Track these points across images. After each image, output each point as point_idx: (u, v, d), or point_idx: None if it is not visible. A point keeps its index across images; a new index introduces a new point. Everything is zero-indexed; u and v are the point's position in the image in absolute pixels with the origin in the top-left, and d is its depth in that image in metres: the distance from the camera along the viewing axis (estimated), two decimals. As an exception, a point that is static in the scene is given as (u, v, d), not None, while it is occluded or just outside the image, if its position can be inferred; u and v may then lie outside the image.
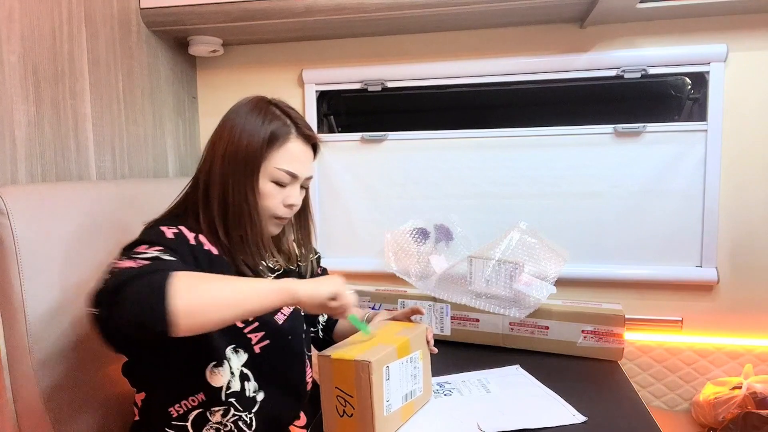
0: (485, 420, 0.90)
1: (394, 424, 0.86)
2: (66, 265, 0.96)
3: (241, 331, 0.89)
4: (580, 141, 1.50)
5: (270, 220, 0.93)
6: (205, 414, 0.87)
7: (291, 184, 0.93)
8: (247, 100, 0.94)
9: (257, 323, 0.91)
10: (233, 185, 0.88)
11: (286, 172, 0.90)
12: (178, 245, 0.83)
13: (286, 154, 0.90)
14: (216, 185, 0.89)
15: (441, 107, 1.66)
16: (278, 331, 0.93)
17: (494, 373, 1.12)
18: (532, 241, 1.26)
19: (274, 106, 0.93)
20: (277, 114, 0.91)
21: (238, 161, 0.87)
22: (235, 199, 0.88)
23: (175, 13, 1.38)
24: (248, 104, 0.92)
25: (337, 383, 0.83)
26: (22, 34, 1.04)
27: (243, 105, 0.93)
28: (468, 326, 1.29)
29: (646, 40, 1.45)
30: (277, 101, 0.95)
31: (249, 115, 0.90)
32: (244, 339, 0.89)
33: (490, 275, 1.22)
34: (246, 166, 0.88)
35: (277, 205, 0.92)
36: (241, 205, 0.88)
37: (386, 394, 0.83)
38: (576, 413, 0.94)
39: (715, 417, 1.29)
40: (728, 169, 1.43)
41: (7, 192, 0.87)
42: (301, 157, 0.93)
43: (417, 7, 1.32)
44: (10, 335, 0.88)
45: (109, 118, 1.29)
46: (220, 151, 0.89)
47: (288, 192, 0.92)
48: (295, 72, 1.64)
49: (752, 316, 1.45)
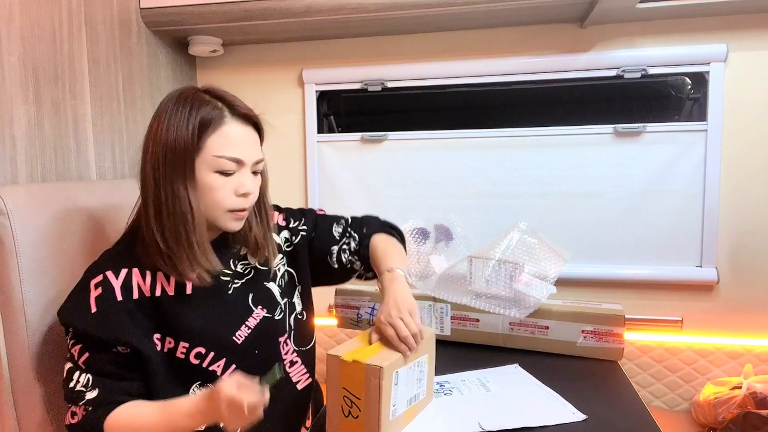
0: (486, 419, 0.90)
1: (398, 427, 0.86)
2: (66, 264, 0.96)
3: (200, 368, 0.85)
4: (580, 141, 1.50)
5: (224, 216, 0.84)
6: None
7: (239, 170, 0.83)
8: (173, 92, 0.84)
9: (212, 353, 0.85)
10: (165, 186, 0.79)
11: (229, 159, 0.81)
12: (103, 320, 0.80)
13: (223, 139, 0.81)
14: (149, 190, 0.81)
15: (441, 107, 1.66)
16: (240, 351, 0.88)
17: (494, 372, 1.12)
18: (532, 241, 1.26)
19: (203, 92, 0.84)
20: (206, 99, 0.82)
21: (167, 159, 0.79)
22: (168, 200, 0.79)
23: (175, 13, 1.38)
24: (174, 96, 0.83)
25: (345, 384, 0.82)
26: (22, 34, 1.04)
27: (169, 98, 0.83)
28: (468, 326, 1.29)
29: (646, 40, 1.45)
30: (208, 87, 0.85)
31: (174, 107, 0.81)
32: (206, 373, 0.86)
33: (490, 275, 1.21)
34: (176, 163, 0.79)
35: (228, 197, 0.82)
36: (174, 206, 0.80)
37: (393, 398, 0.82)
38: (576, 411, 0.94)
39: (715, 417, 1.29)
40: (728, 169, 1.43)
41: (7, 192, 0.87)
42: (242, 139, 0.83)
43: (417, 7, 1.32)
44: (10, 335, 0.88)
45: (109, 118, 1.29)
46: (148, 153, 0.81)
47: (238, 180, 0.83)
48: (295, 72, 1.64)
49: (752, 316, 1.45)
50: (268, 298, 0.94)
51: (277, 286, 0.96)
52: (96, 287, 0.81)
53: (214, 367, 0.86)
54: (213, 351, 0.85)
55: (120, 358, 0.81)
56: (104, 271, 0.82)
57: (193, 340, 0.84)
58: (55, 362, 0.92)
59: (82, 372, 0.81)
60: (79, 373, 0.81)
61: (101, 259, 0.85)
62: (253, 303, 0.91)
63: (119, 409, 0.80)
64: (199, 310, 0.85)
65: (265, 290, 0.94)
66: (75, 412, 0.81)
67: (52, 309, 0.92)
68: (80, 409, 0.81)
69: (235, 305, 0.89)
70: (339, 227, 1.05)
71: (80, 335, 0.81)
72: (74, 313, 0.82)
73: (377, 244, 1.01)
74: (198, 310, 0.85)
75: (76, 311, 0.81)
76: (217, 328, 0.86)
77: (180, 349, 0.84)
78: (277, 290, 0.96)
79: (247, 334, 0.89)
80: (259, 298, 0.92)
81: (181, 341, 0.84)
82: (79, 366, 0.81)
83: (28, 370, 0.88)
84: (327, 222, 1.05)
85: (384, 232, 1.05)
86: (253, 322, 0.90)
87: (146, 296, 0.83)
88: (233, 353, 0.87)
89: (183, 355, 0.84)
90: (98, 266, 0.84)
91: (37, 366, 0.89)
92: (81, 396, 0.80)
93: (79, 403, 0.80)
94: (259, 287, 0.93)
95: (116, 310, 0.81)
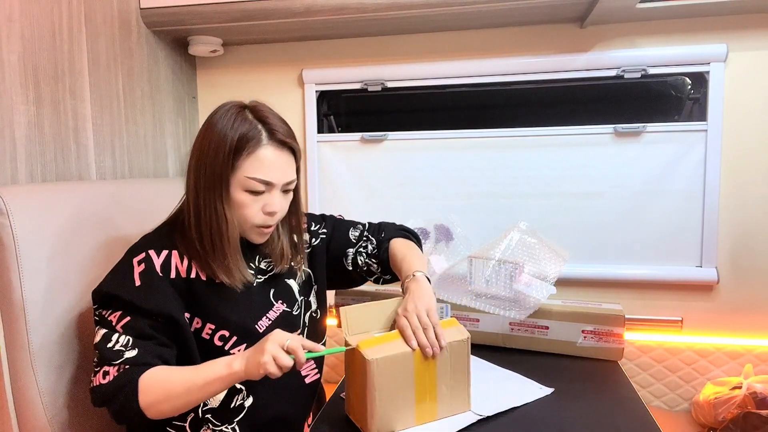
0: (476, 406, 0.93)
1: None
2: (66, 265, 0.96)
3: (222, 349, 0.91)
4: (580, 141, 1.50)
5: (251, 230, 0.91)
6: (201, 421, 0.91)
7: (268, 191, 0.88)
8: (225, 104, 0.90)
9: (235, 337, 0.91)
10: (204, 197, 0.87)
11: (259, 181, 0.87)
12: (146, 292, 0.86)
13: (256, 162, 0.86)
14: (191, 196, 0.89)
15: (441, 107, 1.66)
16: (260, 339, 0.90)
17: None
18: (532, 241, 1.26)
19: (249, 110, 0.89)
20: (248, 119, 0.87)
21: (207, 173, 0.86)
22: (205, 210, 0.87)
23: (175, 13, 1.38)
24: (223, 109, 0.89)
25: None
26: (22, 34, 1.04)
27: (218, 110, 0.89)
28: (468, 326, 1.29)
29: (646, 40, 1.45)
30: (254, 105, 0.90)
31: (220, 122, 0.86)
32: (226, 354, 0.89)
33: (490, 275, 1.21)
34: (214, 178, 0.86)
35: (256, 214, 0.89)
36: (210, 217, 0.87)
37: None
38: (542, 387, 1.03)
39: (715, 417, 1.29)
40: (728, 169, 1.43)
41: (7, 192, 0.87)
42: (274, 163, 0.87)
43: (417, 7, 1.32)
44: (10, 335, 0.88)
45: (109, 118, 1.29)
46: (193, 163, 0.89)
47: (266, 200, 0.88)
48: (295, 72, 1.64)
49: (752, 316, 1.45)
50: (288, 294, 1.00)
51: (297, 284, 1.02)
52: (139, 264, 0.88)
53: (234, 350, 0.91)
54: (236, 335, 0.91)
55: (159, 325, 0.86)
56: (146, 250, 0.89)
57: (220, 323, 0.90)
58: (55, 361, 0.92)
59: (121, 335, 0.84)
60: (117, 335, 0.84)
61: (143, 241, 0.92)
62: (274, 297, 0.97)
63: (152, 369, 0.83)
64: (227, 298, 0.92)
65: (285, 286, 1.00)
66: (107, 371, 0.82)
67: (52, 309, 0.92)
68: (114, 368, 0.82)
69: (258, 298, 0.96)
70: (356, 231, 1.12)
71: (123, 303, 0.85)
72: (118, 285, 0.87)
73: (396, 247, 1.06)
74: (226, 298, 0.92)
75: (121, 284, 0.87)
76: (241, 316, 0.92)
77: (206, 330, 0.90)
78: (297, 287, 1.01)
79: (268, 325, 0.95)
80: (279, 293, 0.98)
81: (207, 323, 0.90)
82: (116, 330, 0.85)
83: (28, 370, 0.88)
84: (344, 226, 1.13)
85: (401, 236, 1.11)
86: (274, 315, 0.96)
87: (182, 277, 0.90)
88: (253, 340, 0.90)
89: (208, 336, 0.90)
90: (140, 246, 0.90)
91: (37, 366, 0.89)
92: (119, 355, 0.83)
93: (116, 362, 0.82)
94: (281, 283, 0.99)
95: (158, 283, 0.87)
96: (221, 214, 0.87)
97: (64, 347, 0.94)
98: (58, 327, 0.93)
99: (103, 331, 0.85)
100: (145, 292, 0.86)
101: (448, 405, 0.91)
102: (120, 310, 0.86)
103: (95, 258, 1.02)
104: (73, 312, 0.97)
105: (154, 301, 0.86)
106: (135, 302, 0.85)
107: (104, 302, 0.87)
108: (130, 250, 0.91)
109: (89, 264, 1.01)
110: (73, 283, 0.97)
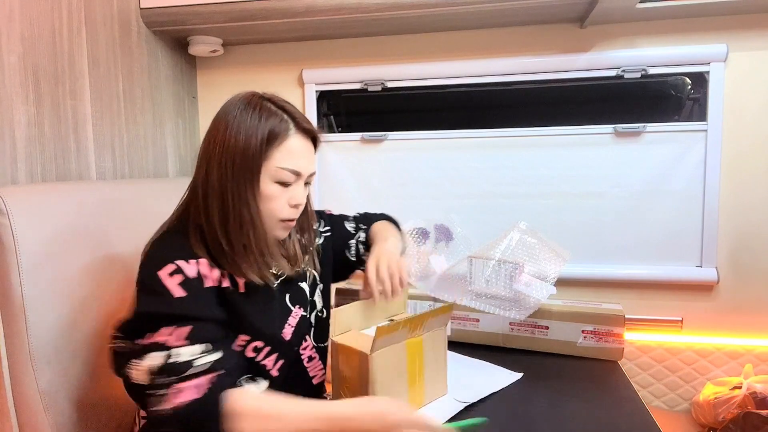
0: (457, 394, 0.98)
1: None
2: (66, 265, 0.96)
3: (254, 361, 0.87)
4: (580, 141, 1.50)
5: (277, 225, 0.88)
6: None
7: (295, 182, 0.87)
8: (238, 97, 0.87)
9: (269, 347, 0.88)
10: (232, 191, 0.82)
11: (291, 171, 0.85)
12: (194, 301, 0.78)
13: (287, 152, 0.84)
14: (214, 192, 0.83)
15: (441, 107, 1.66)
16: (288, 346, 0.92)
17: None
18: (532, 241, 1.26)
19: (268, 101, 0.87)
20: (273, 110, 0.85)
21: (236, 165, 0.82)
22: (235, 205, 0.82)
23: (175, 13, 1.38)
24: (240, 102, 0.86)
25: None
26: (22, 34, 1.04)
27: (235, 103, 0.86)
28: (468, 326, 1.29)
29: (646, 40, 1.45)
30: (270, 96, 0.89)
31: (243, 114, 0.83)
32: (258, 366, 0.87)
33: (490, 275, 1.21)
34: (245, 170, 0.82)
35: (282, 207, 0.86)
36: (241, 211, 0.83)
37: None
38: (512, 372, 1.09)
39: (715, 417, 1.29)
40: (728, 169, 1.43)
41: (7, 192, 0.87)
42: (302, 152, 0.86)
43: (417, 7, 1.32)
44: (10, 335, 0.88)
45: (109, 118, 1.29)
46: (215, 156, 0.83)
47: (292, 192, 0.87)
48: (295, 72, 1.64)
49: (752, 316, 1.45)
50: (302, 298, 0.98)
51: (308, 286, 1.00)
52: (171, 275, 0.79)
53: (266, 361, 0.89)
54: (269, 346, 0.88)
55: (220, 333, 0.80)
56: (172, 261, 0.80)
57: (253, 334, 0.87)
58: (56, 362, 0.92)
59: (185, 346, 0.74)
60: (179, 348, 0.74)
61: (159, 253, 0.82)
62: (291, 302, 0.95)
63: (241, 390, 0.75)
64: (255, 306, 0.88)
65: (299, 290, 0.98)
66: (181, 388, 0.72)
67: (52, 309, 0.92)
68: (193, 380, 0.72)
69: (278, 304, 0.93)
70: (350, 222, 1.13)
71: (172, 318, 0.76)
72: (158, 302, 0.77)
73: (376, 228, 1.11)
74: (254, 307, 0.88)
75: (159, 301, 0.77)
76: (270, 325, 0.90)
77: (239, 342, 0.86)
78: (308, 290, 1.00)
79: (291, 332, 0.93)
80: (294, 297, 0.96)
81: (240, 334, 0.86)
82: (175, 345, 0.74)
83: (28, 371, 0.88)
84: (339, 219, 1.14)
85: (383, 220, 1.16)
86: (294, 321, 0.94)
87: (214, 286, 0.84)
88: (282, 349, 0.91)
89: (240, 348, 0.86)
90: (161, 259, 0.80)
91: (37, 366, 0.89)
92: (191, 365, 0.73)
93: (192, 372, 0.73)
94: (295, 287, 0.97)
95: (202, 291, 0.81)
96: (253, 206, 0.83)
97: (64, 347, 0.94)
98: (58, 327, 0.93)
99: (153, 355, 0.74)
100: (193, 302, 0.78)
101: (432, 390, 0.96)
102: (172, 325, 0.75)
103: (95, 258, 1.02)
104: (73, 312, 0.96)
105: (207, 308, 0.79)
106: (186, 313, 0.76)
107: (144, 326, 0.76)
108: (147, 267, 0.81)
109: (89, 264, 1.00)
110: (73, 283, 0.97)
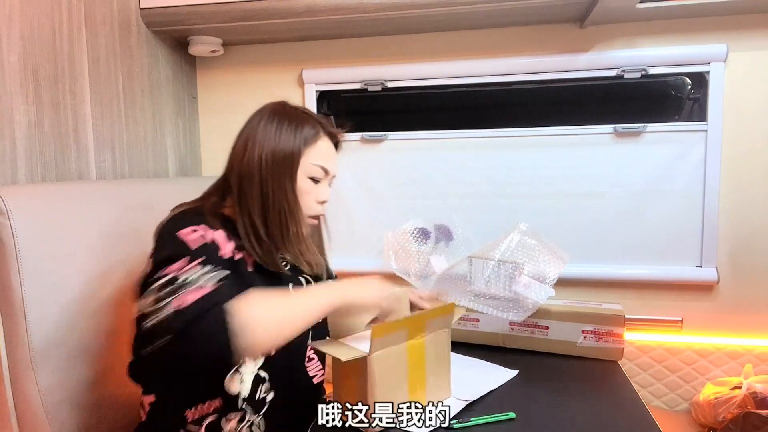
0: (459, 392, 0.97)
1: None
2: (66, 264, 0.96)
3: None
4: (580, 141, 1.50)
5: (305, 219, 0.97)
6: (219, 422, 0.88)
7: (323, 180, 0.98)
8: (272, 105, 0.98)
9: None
10: (273, 184, 0.91)
11: (321, 167, 0.96)
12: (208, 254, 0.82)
13: (318, 151, 0.96)
14: (255, 186, 0.91)
15: (441, 107, 1.66)
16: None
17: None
18: (532, 242, 1.26)
19: (297, 109, 0.99)
20: (305, 116, 0.97)
21: (277, 161, 0.91)
22: (276, 197, 0.91)
23: (175, 13, 1.38)
24: (275, 108, 0.97)
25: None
26: (22, 34, 1.04)
27: (270, 109, 0.97)
28: (468, 326, 1.29)
29: (646, 40, 1.45)
30: (297, 106, 1.00)
31: (281, 118, 0.94)
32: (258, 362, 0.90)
33: (489, 276, 1.21)
34: (285, 165, 0.92)
35: (312, 203, 0.96)
36: (281, 203, 0.91)
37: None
38: (508, 369, 1.10)
39: (715, 417, 1.29)
40: (728, 169, 1.43)
41: (7, 192, 0.87)
42: (330, 153, 0.99)
43: (417, 7, 1.32)
44: (10, 335, 0.88)
45: (109, 118, 1.29)
46: (256, 153, 0.91)
47: (320, 189, 0.98)
48: (295, 72, 1.64)
49: (752, 316, 1.45)
50: None
51: (306, 282, 1.04)
52: (190, 234, 0.83)
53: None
54: None
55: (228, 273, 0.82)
56: (192, 225, 0.85)
57: None
58: (55, 361, 0.92)
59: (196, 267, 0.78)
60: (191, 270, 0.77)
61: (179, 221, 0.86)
62: None
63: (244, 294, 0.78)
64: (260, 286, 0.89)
65: (301, 285, 1.03)
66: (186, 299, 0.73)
67: (53, 309, 0.92)
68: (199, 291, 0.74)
69: None
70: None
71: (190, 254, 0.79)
72: (177, 247, 0.81)
73: None
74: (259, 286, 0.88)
75: (179, 249, 0.81)
76: None
77: None
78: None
79: None
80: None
81: None
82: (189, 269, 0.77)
83: (28, 370, 0.88)
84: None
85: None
86: None
87: (229, 257, 0.89)
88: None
89: None
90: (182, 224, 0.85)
91: (37, 366, 0.89)
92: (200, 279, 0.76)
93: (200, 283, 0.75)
94: (297, 282, 1.02)
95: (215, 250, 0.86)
96: (291, 194, 0.92)
97: (64, 347, 0.94)
98: (58, 327, 0.93)
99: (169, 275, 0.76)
100: (208, 253, 0.82)
101: (434, 393, 0.94)
102: (187, 256, 0.79)
103: (95, 258, 1.02)
104: (73, 312, 0.96)
105: (221, 263, 0.82)
106: (202, 254, 0.80)
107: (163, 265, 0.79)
108: (165, 229, 0.85)
109: (89, 264, 1.00)
110: (73, 283, 0.97)
